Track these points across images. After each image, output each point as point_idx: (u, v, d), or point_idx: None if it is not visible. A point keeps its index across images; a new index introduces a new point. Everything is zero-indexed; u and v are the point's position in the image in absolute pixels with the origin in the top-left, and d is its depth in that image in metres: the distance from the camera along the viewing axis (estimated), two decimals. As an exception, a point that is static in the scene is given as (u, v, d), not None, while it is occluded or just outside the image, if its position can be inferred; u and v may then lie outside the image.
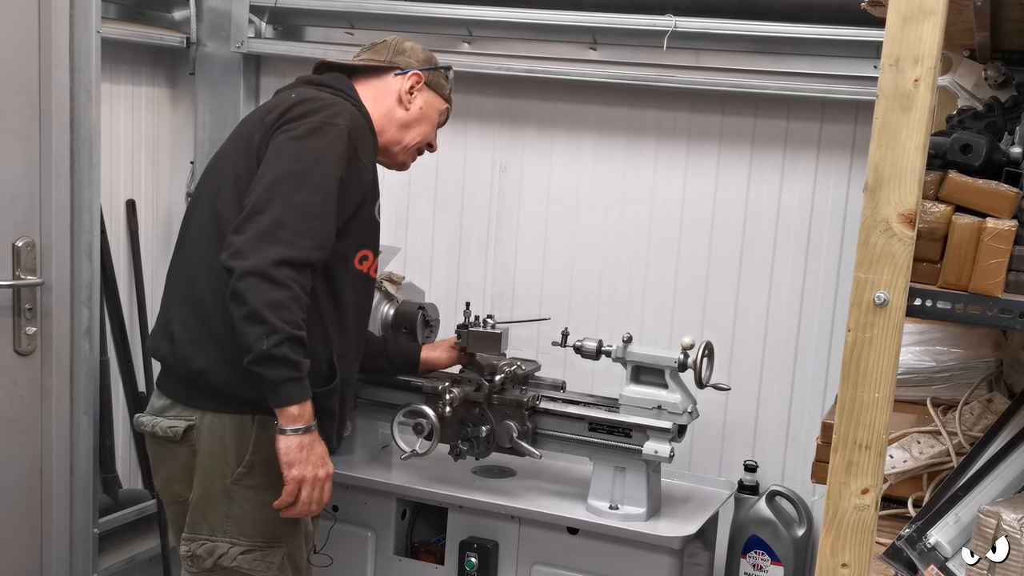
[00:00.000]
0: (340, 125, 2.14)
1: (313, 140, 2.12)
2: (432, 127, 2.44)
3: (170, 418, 2.23)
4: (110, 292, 3.05)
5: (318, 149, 2.11)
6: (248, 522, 2.18)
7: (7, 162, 2.54)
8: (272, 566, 2.20)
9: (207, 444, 2.18)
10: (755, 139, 2.90)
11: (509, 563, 2.65)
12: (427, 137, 2.43)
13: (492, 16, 2.96)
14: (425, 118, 2.40)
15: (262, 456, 2.16)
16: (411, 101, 2.37)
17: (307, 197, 2.07)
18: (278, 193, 2.07)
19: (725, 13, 2.77)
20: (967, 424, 1.93)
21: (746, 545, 2.83)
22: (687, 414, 2.53)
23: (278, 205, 2.05)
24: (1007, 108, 1.94)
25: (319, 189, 2.08)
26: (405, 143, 2.39)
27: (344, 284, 2.22)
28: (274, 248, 2.02)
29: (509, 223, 3.16)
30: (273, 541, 2.21)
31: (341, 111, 2.18)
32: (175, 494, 2.27)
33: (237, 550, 2.18)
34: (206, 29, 3.22)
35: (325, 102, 2.20)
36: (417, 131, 2.40)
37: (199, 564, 2.20)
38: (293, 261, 2.02)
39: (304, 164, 2.10)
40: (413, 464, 2.75)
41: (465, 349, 2.67)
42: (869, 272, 1.36)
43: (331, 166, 2.11)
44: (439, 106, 2.44)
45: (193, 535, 2.21)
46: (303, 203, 2.06)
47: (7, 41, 2.51)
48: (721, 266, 2.96)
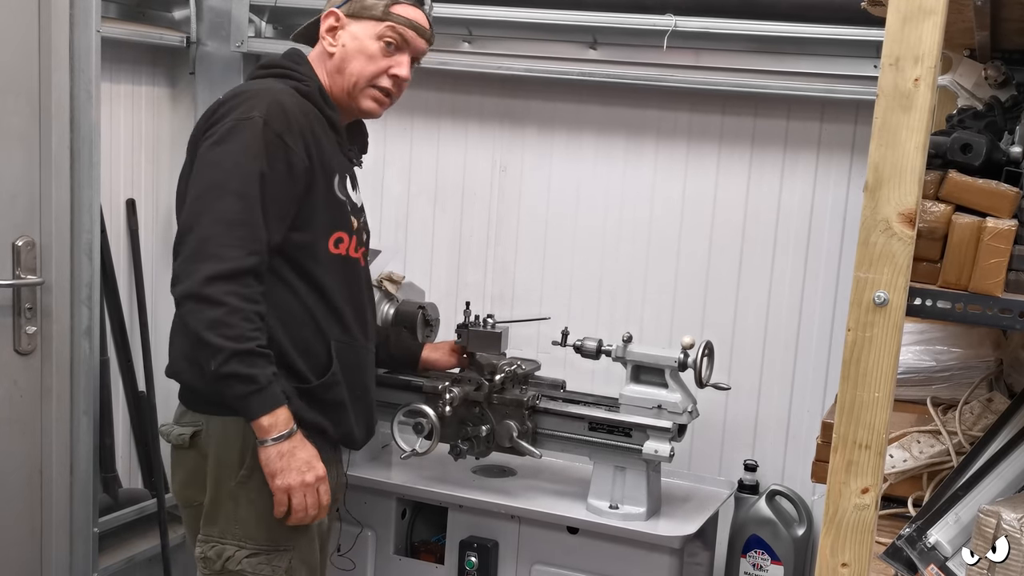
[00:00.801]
0: (255, 118, 2.04)
1: (228, 143, 2.05)
2: (370, 58, 2.20)
3: (182, 424, 2.24)
4: (110, 292, 3.05)
5: (234, 151, 2.04)
6: (253, 525, 2.17)
7: (7, 162, 2.54)
8: (278, 570, 2.18)
9: (214, 448, 2.18)
10: (755, 139, 2.90)
11: (509, 563, 2.65)
12: (366, 72, 2.21)
13: (492, 16, 2.96)
14: (356, 52, 2.20)
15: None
16: (334, 43, 2.22)
17: (230, 205, 2.02)
18: (202, 208, 2.04)
19: (725, 12, 2.76)
20: (967, 424, 1.92)
21: (746, 545, 2.83)
22: (687, 413, 2.53)
23: (203, 221, 2.03)
24: (1007, 108, 1.94)
25: (240, 194, 2.02)
26: (347, 87, 2.22)
27: (323, 272, 2.17)
28: (203, 266, 1.99)
29: (509, 223, 3.16)
30: (279, 545, 2.19)
31: (258, 102, 2.07)
32: (189, 498, 2.27)
33: (243, 553, 2.17)
34: (206, 28, 3.22)
35: (245, 96, 2.10)
36: (351, 69, 2.20)
37: (210, 566, 2.20)
38: (224, 274, 1.99)
39: (222, 171, 2.04)
40: (413, 464, 2.76)
41: (465, 353, 2.67)
42: (869, 272, 1.36)
43: (248, 164, 2.03)
44: (372, 30, 2.20)
45: (205, 537, 2.21)
46: (226, 212, 2.02)
47: (7, 41, 2.51)
48: (721, 265, 2.96)
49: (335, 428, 2.25)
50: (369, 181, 2.93)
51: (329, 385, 2.20)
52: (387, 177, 3.25)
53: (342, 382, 2.22)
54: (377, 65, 2.21)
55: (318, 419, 2.20)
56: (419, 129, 3.21)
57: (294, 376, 2.16)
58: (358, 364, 2.27)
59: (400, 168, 3.25)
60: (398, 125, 3.20)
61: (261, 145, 2.04)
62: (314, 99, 2.19)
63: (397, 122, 3.18)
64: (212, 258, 1.99)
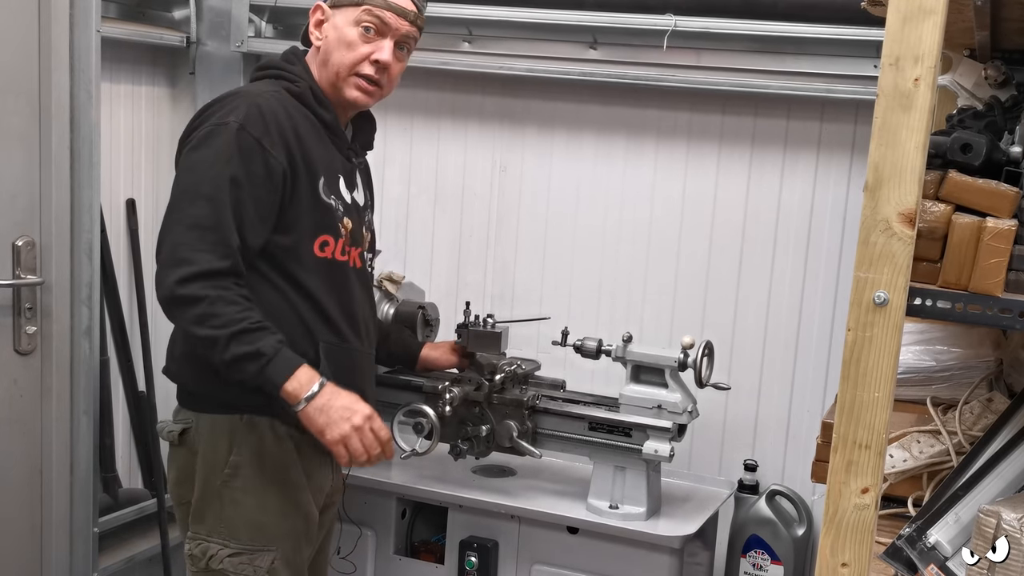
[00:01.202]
0: (230, 123, 2.04)
1: (203, 149, 2.06)
2: (349, 46, 2.16)
3: (175, 422, 2.24)
4: (110, 292, 3.05)
5: (208, 156, 2.05)
6: (237, 524, 2.16)
7: (7, 162, 2.54)
8: (259, 570, 2.17)
9: (202, 445, 2.18)
10: (755, 139, 2.90)
11: (509, 563, 2.65)
12: (346, 61, 2.16)
13: (492, 16, 2.95)
14: (336, 42, 2.17)
15: (246, 457, 2.15)
16: (321, 36, 2.20)
17: (200, 210, 2.03)
18: (176, 215, 2.06)
19: (725, 12, 2.76)
20: (967, 424, 1.92)
21: (746, 544, 2.83)
22: (687, 413, 2.53)
23: (176, 227, 2.05)
24: (1007, 107, 1.94)
25: (210, 198, 2.03)
26: (330, 78, 2.19)
27: (308, 275, 2.15)
28: (176, 271, 2.01)
29: (509, 223, 3.16)
30: (262, 544, 2.17)
31: (236, 106, 2.07)
32: (181, 496, 2.27)
33: (225, 552, 2.16)
34: (206, 28, 3.22)
35: (225, 101, 2.11)
36: (334, 60, 2.17)
37: (196, 564, 2.20)
38: (195, 275, 2.00)
39: (196, 176, 2.06)
40: (413, 463, 2.75)
41: (465, 354, 2.67)
42: (869, 271, 1.35)
43: (220, 169, 2.03)
44: (350, 16, 2.16)
45: (193, 535, 2.21)
46: (197, 217, 2.03)
47: (7, 41, 2.51)
48: (721, 265, 2.96)
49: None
50: (369, 181, 2.93)
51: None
52: (387, 177, 3.25)
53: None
54: (356, 52, 2.16)
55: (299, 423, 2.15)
56: (419, 129, 3.21)
57: None
58: (351, 367, 2.24)
59: (400, 168, 3.25)
60: (398, 125, 3.20)
61: (234, 150, 2.04)
62: (305, 99, 2.17)
63: (397, 122, 3.18)
64: (183, 262, 2.01)
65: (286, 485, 2.19)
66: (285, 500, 2.19)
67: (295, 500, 2.21)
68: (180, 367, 2.22)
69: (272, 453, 2.17)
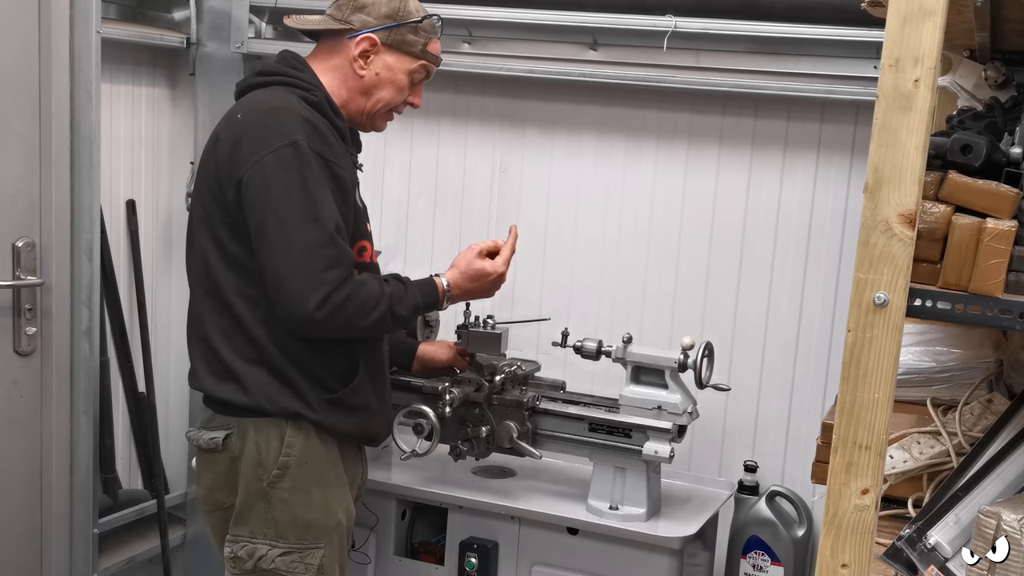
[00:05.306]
0: (298, 141, 2.06)
1: (282, 176, 2.05)
2: (399, 90, 2.25)
3: (211, 429, 2.24)
4: (110, 292, 3.05)
5: (295, 179, 2.05)
6: (285, 524, 2.19)
7: (7, 162, 2.54)
8: (311, 568, 2.21)
9: (245, 450, 2.20)
10: (755, 139, 2.90)
11: (509, 563, 2.65)
12: (393, 101, 2.26)
13: (492, 16, 2.96)
14: (387, 82, 2.23)
15: (295, 458, 2.18)
16: (365, 67, 2.22)
17: (309, 232, 2.05)
18: (288, 245, 2.05)
19: (725, 13, 2.76)
20: (967, 424, 1.92)
21: (746, 545, 2.83)
22: (687, 414, 2.53)
23: (294, 257, 2.05)
24: (1007, 108, 1.94)
25: (315, 218, 2.05)
26: (368, 109, 2.26)
27: None
28: (310, 299, 2.04)
29: (509, 223, 3.15)
30: (311, 542, 2.21)
31: (287, 121, 2.08)
32: (217, 502, 2.28)
33: (276, 552, 2.19)
34: (206, 29, 3.22)
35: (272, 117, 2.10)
36: (379, 96, 2.24)
37: (240, 565, 2.22)
38: (328, 294, 2.05)
39: (293, 202, 2.05)
40: (413, 464, 2.75)
41: (465, 353, 2.67)
42: (869, 272, 1.35)
43: (313, 190, 2.06)
44: (406, 66, 2.24)
45: (236, 537, 2.23)
46: (309, 240, 2.05)
47: (7, 41, 2.51)
48: (721, 266, 2.96)
49: (362, 431, 2.29)
50: (369, 182, 2.93)
51: (356, 389, 2.22)
52: (387, 178, 3.25)
53: (368, 385, 2.25)
54: (402, 96, 2.28)
55: (346, 425, 2.23)
56: (419, 130, 3.21)
57: (320, 386, 2.19)
58: (379, 364, 2.32)
59: (400, 169, 3.25)
60: (398, 126, 3.18)
61: (317, 169, 2.08)
62: (323, 109, 2.18)
63: (397, 123, 3.14)
64: (313, 288, 2.05)
65: (330, 482, 2.23)
66: (330, 497, 2.23)
67: (338, 496, 2.25)
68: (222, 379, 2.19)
69: (317, 452, 2.20)
